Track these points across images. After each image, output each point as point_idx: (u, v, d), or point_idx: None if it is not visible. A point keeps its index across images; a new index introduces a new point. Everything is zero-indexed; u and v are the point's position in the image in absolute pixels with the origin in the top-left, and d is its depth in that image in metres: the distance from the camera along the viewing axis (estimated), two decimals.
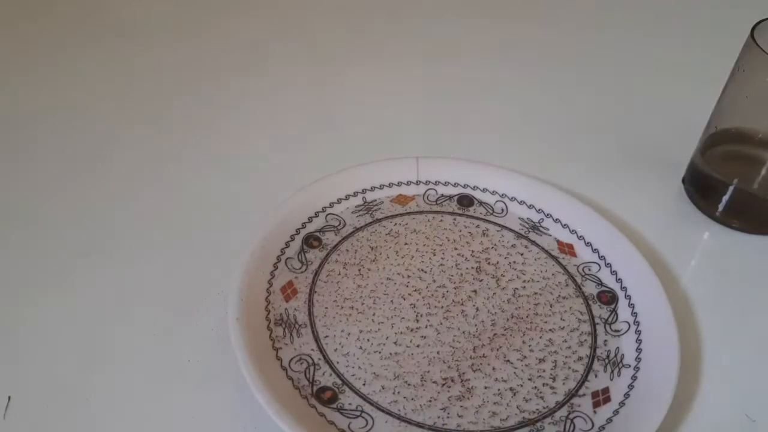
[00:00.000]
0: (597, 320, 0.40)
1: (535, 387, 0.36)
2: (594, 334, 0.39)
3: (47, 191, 0.47)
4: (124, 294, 0.41)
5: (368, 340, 0.38)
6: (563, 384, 0.37)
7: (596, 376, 0.37)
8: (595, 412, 0.35)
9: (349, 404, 0.35)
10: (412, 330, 0.38)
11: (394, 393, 0.35)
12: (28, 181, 0.47)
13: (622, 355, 0.38)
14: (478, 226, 0.44)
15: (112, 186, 0.47)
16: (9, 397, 0.35)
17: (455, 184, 0.46)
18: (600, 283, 0.41)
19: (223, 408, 0.36)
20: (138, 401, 0.36)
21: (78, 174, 0.48)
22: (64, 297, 0.40)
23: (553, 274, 0.42)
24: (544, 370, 0.37)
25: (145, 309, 0.40)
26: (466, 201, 0.46)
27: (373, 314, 0.39)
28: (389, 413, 0.35)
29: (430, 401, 0.35)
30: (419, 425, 0.34)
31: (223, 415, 0.35)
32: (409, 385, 0.36)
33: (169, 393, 0.36)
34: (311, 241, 0.42)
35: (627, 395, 0.36)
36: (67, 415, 0.35)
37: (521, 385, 0.36)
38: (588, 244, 0.43)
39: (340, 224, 0.44)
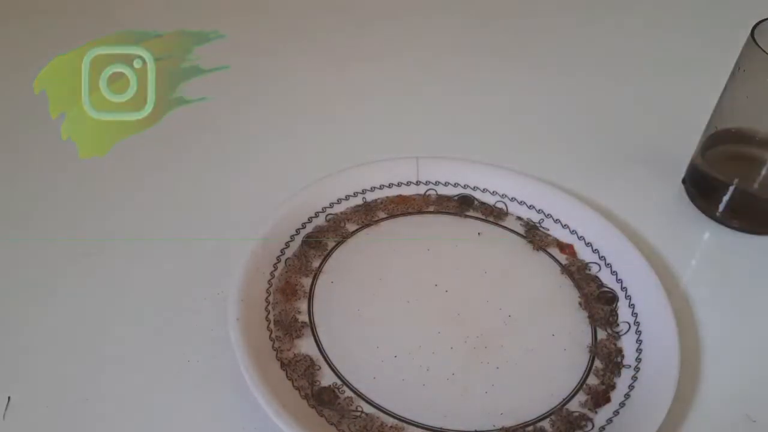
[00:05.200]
0: (597, 321, 0.40)
1: (536, 387, 0.36)
2: (594, 335, 0.39)
3: (47, 190, 0.47)
4: (124, 294, 0.41)
5: (367, 340, 0.38)
6: (563, 384, 0.36)
7: (596, 376, 0.37)
8: (595, 412, 0.35)
9: (349, 405, 0.35)
10: (410, 331, 0.38)
11: (393, 394, 0.35)
12: (27, 180, 0.47)
13: (623, 355, 0.38)
14: (478, 227, 0.44)
15: (111, 186, 0.47)
16: (9, 398, 0.35)
17: (455, 185, 0.46)
18: (600, 284, 0.41)
19: (223, 408, 0.36)
20: (138, 401, 0.36)
21: (78, 173, 0.48)
22: (63, 297, 0.40)
23: (552, 275, 0.42)
24: (543, 371, 0.37)
25: (145, 309, 0.40)
26: (466, 201, 0.46)
27: (373, 314, 0.39)
28: (390, 414, 0.35)
29: (430, 402, 0.35)
30: (420, 426, 0.34)
31: (223, 415, 0.35)
32: (408, 386, 0.36)
33: (169, 393, 0.36)
34: (311, 241, 0.42)
35: (627, 395, 0.36)
36: (66, 415, 0.35)
37: (521, 386, 0.36)
38: (588, 244, 0.43)
39: (339, 224, 0.43)
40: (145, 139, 0.51)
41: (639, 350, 0.37)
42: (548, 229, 0.44)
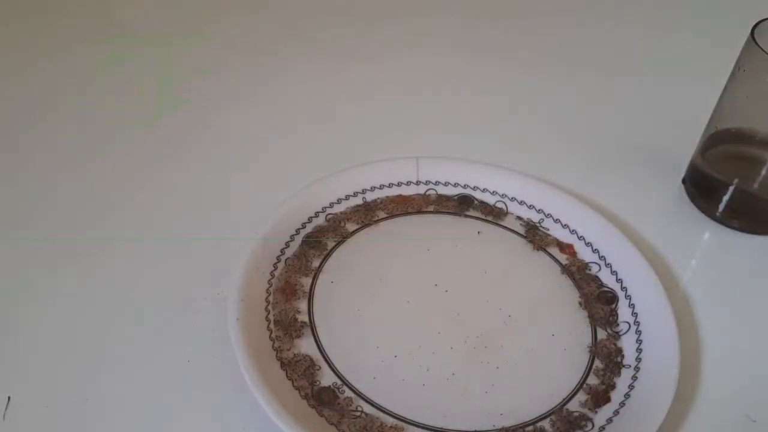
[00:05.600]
0: (597, 320, 0.40)
1: (536, 387, 0.36)
2: (594, 335, 0.39)
3: (46, 190, 0.47)
4: (124, 294, 0.41)
5: (367, 340, 0.38)
6: (563, 384, 0.37)
7: (596, 376, 0.37)
8: (595, 412, 0.35)
9: (349, 405, 0.35)
10: (410, 331, 0.38)
11: (393, 394, 0.35)
12: (27, 180, 0.47)
13: (623, 355, 0.38)
14: (477, 226, 0.44)
15: (111, 186, 0.47)
16: (9, 398, 0.35)
17: (455, 185, 0.46)
18: (600, 284, 0.41)
19: (223, 408, 0.36)
20: (138, 401, 0.36)
21: (77, 174, 0.48)
22: (63, 297, 0.40)
23: (552, 275, 0.42)
24: (543, 371, 0.37)
25: (145, 309, 0.40)
26: (466, 201, 0.46)
27: (373, 314, 0.39)
28: (390, 414, 0.35)
29: (430, 402, 0.35)
30: (420, 426, 0.34)
31: (223, 415, 0.35)
32: (408, 386, 0.36)
33: (169, 393, 0.36)
34: (311, 241, 0.42)
35: (627, 395, 0.36)
36: (67, 415, 0.35)
37: (521, 386, 0.36)
38: (588, 244, 0.43)
39: (339, 224, 0.43)
40: (145, 139, 0.51)
41: (639, 350, 0.37)
42: (548, 229, 0.44)
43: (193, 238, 0.44)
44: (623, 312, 0.40)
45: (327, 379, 0.36)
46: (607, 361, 0.38)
